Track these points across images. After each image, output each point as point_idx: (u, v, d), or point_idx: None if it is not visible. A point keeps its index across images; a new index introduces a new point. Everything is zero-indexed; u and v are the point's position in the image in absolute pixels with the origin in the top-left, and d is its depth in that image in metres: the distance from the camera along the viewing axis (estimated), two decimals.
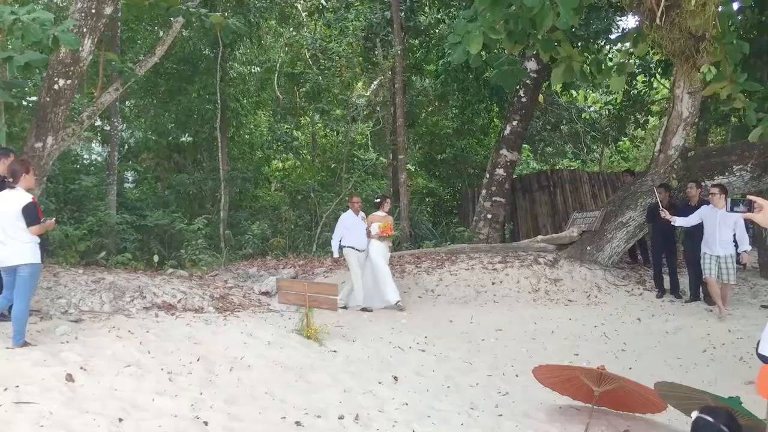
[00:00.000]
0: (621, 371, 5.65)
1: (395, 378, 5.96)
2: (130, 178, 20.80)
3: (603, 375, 4.86)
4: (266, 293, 9.84)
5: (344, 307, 9.39)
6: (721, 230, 8.62)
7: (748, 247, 8.84)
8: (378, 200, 10.34)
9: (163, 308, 7.66)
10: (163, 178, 19.78)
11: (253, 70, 20.66)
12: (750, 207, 2.71)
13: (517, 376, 6.31)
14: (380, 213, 10.05)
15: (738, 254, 8.76)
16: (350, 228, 9.81)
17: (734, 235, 8.67)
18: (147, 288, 8.07)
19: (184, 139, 19.65)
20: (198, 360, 5.76)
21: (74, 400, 4.56)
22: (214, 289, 9.14)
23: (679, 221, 9.10)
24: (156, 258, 12.02)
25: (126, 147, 19.85)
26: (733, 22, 8.04)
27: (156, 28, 18.34)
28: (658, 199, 9.68)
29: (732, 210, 2.91)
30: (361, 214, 10.09)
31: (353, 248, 9.73)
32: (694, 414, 3.58)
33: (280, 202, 19.10)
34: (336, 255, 9.94)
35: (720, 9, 7.82)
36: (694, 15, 7.23)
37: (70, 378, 4.92)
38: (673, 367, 6.69)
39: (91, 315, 7.03)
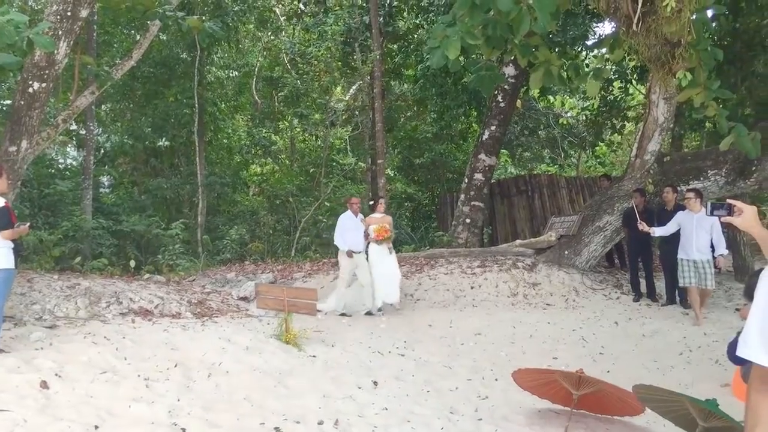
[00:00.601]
0: (599, 374, 5.68)
1: (375, 383, 5.93)
2: (106, 183, 20.58)
3: (582, 378, 4.88)
4: (244, 298, 9.79)
5: (369, 313, 9.49)
6: (698, 234, 8.65)
7: (725, 251, 8.88)
8: (371, 202, 10.29)
9: (140, 314, 7.58)
10: (140, 183, 19.61)
11: (231, 74, 20.56)
12: (730, 211, 2.73)
13: (496, 380, 6.31)
14: (377, 215, 9.97)
15: (715, 258, 8.79)
16: (349, 229, 9.74)
17: (711, 240, 8.72)
18: (123, 293, 7.98)
19: (161, 143, 19.49)
20: (175, 366, 5.70)
21: (49, 408, 4.49)
22: (191, 295, 9.06)
23: (658, 231, 9.08)
24: (132, 263, 11.89)
25: (102, 151, 19.65)
26: (707, 29, 8.15)
27: (132, 31, 18.19)
28: (634, 206, 9.73)
29: (712, 213, 2.93)
30: (360, 216, 10.00)
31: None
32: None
33: (258, 207, 19.00)
34: (347, 249, 9.65)
35: (695, 16, 7.93)
36: (670, 21, 7.32)
37: (44, 385, 4.84)
38: (650, 369, 6.74)
39: (66, 321, 6.93)
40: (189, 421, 4.57)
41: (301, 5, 20.04)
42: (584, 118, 20.39)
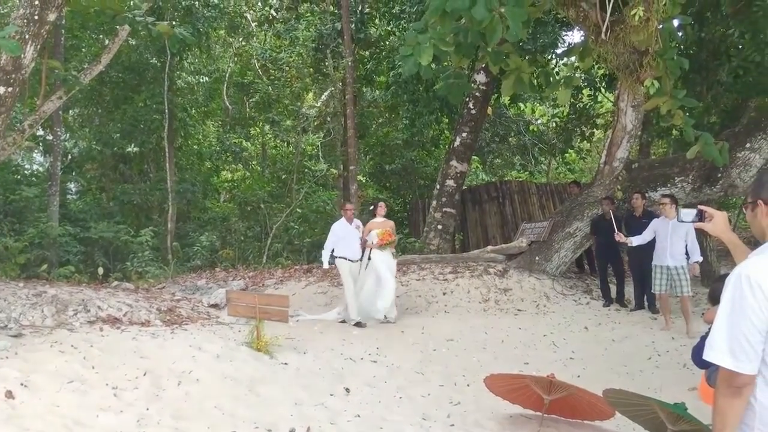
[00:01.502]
0: (569, 379, 5.72)
1: (347, 390, 5.92)
2: (74, 189, 20.26)
3: (553, 383, 4.91)
4: (215, 305, 9.68)
5: (343, 321, 9.13)
6: (673, 241, 8.62)
7: (700, 258, 8.80)
8: (372, 207, 9.90)
9: (108, 322, 7.45)
10: (108, 189, 19.34)
11: (201, 80, 20.42)
12: (701, 216, 2.77)
13: (468, 385, 6.32)
14: (378, 219, 9.55)
15: (690, 265, 8.76)
16: (342, 237, 9.24)
17: (686, 246, 8.73)
18: (91, 301, 7.85)
19: (130, 149, 19.25)
20: (144, 374, 5.62)
21: (14, 418, 4.41)
22: (161, 302, 8.94)
23: (635, 241, 9.05)
24: (101, 270, 11.71)
25: (69, 157, 19.37)
26: (673, 38, 8.29)
27: (101, 36, 17.98)
28: (611, 215, 9.71)
29: (682, 220, 2.97)
30: (356, 222, 9.52)
31: (345, 259, 9.22)
32: None
33: (229, 214, 18.88)
34: (326, 266, 9.32)
35: (662, 25, 8.07)
36: (638, 30, 7.45)
37: (10, 395, 4.74)
38: (620, 374, 6.81)
39: (32, 329, 6.79)
40: (158, 430, 4.53)
41: (272, 11, 19.99)
42: (554, 125, 20.59)
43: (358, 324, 9.00)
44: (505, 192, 16.81)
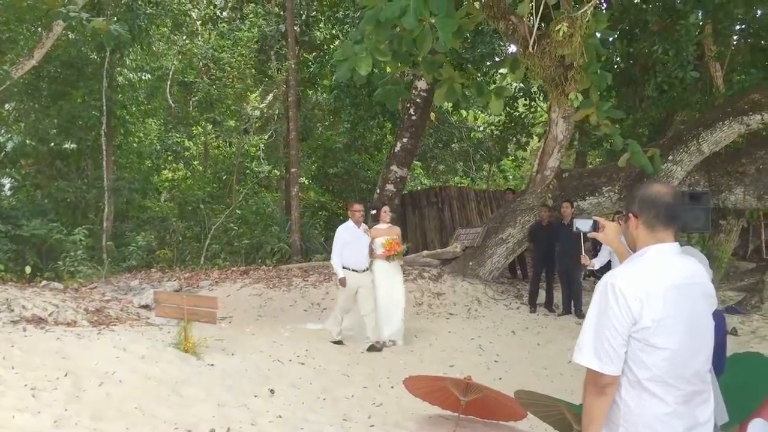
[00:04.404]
0: (491, 381, 5.93)
1: (271, 391, 5.99)
2: (7, 186, 19.69)
3: (469, 385, 5.09)
4: (146, 306, 9.59)
5: (373, 348, 8.01)
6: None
7: None
8: (374, 211, 9.13)
9: (32, 322, 7.34)
10: (44, 186, 18.84)
11: (143, 77, 20.09)
12: (596, 227, 2.95)
13: (392, 387, 6.46)
14: (382, 225, 8.59)
15: None
16: (350, 243, 8.19)
17: None
18: (15, 300, 7.71)
19: (67, 145, 18.80)
20: (65, 375, 5.57)
21: None
22: (89, 302, 8.83)
23: (597, 264, 9.23)
24: (28, 269, 11.44)
25: (3, 152, 18.81)
26: (599, 53, 8.60)
27: (39, 29, 17.54)
28: (580, 234, 9.65)
29: (578, 229, 3.14)
30: (364, 226, 8.49)
31: (349, 269, 8.13)
32: None
33: (169, 213, 18.63)
34: (341, 274, 8.09)
35: (589, 41, 8.37)
36: (563, 44, 7.72)
37: None
38: (540, 376, 7.06)
39: None
40: (75, 431, 4.51)
41: (217, 11, 19.86)
42: (491, 132, 20.98)
43: (338, 342, 8.19)
44: (444, 198, 17.09)
